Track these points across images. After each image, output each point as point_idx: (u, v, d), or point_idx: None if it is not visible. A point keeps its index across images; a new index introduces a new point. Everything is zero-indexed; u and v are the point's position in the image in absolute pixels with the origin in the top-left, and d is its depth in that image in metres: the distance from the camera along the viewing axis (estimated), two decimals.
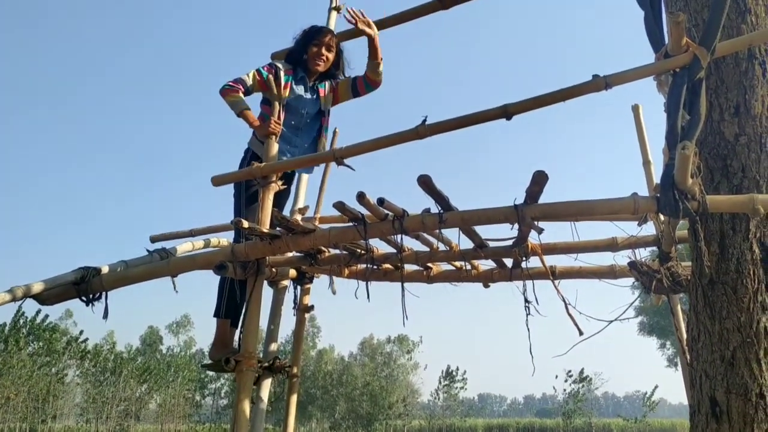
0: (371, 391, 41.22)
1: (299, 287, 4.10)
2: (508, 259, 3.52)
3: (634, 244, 3.23)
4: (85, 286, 3.05)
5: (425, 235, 3.32)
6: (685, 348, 2.61)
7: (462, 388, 41.43)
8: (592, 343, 2.99)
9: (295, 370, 4.00)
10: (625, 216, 3.20)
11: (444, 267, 3.84)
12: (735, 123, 2.47)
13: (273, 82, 3.56)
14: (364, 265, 3.62)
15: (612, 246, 3.29)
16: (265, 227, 3.13)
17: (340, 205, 2.85)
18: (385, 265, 3.68)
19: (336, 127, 4.45)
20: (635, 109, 3.91)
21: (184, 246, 3.73)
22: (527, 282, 3.25)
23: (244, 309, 3.22)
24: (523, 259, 3.26)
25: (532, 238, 3.06)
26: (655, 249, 3.32)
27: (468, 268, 3.73)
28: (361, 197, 2.74)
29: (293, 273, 3.96)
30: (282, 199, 3.84)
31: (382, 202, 2.73)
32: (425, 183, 2.65)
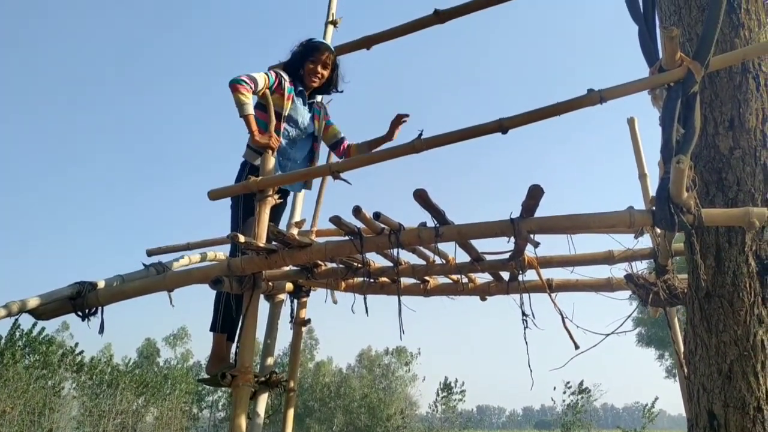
0: (369, 403, 41.02)
1: (296, 301, 4.09)
2: (505, 272, 3.52)
3: (630, 257, 3.23)
4: (81, 301, 3.05)
5: (422, 248, 3.32)
6: (683, 361, 2.61)
7: (460, 400, 41.22)
8: (591, 354, 2.98)
9: (292, 384, 3.98)
10: (622, 229, 3.21)
11: (441, 280, 3.83)
12: (729, 136, 2.48)
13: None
14: (361, 279, 3.62)
15: (608, 259, 3.29)
16: (262, 241, 3.12)
17: (337, 220, 2.85)
18: (382, 279, 3.68)
19: None
20: (631, 122, 3.93)
21: (181, 260, 3.72)
22: (524, 295, 3.25)
23: (241, 323, 3.21)
24: (519, 272, 3.26)
25: (529, 251, 3.06)
26: (652, 261, 3.32)
27: (465, 281, 3.73)
28: (357, 211, 2.74)
29: (290, 287, 3.96)
30: (279, 212, 3.84)
31: (378, 216, 2.73)
32: (421, 197, 2.65)
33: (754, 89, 2.51)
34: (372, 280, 3.65)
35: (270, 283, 3.69)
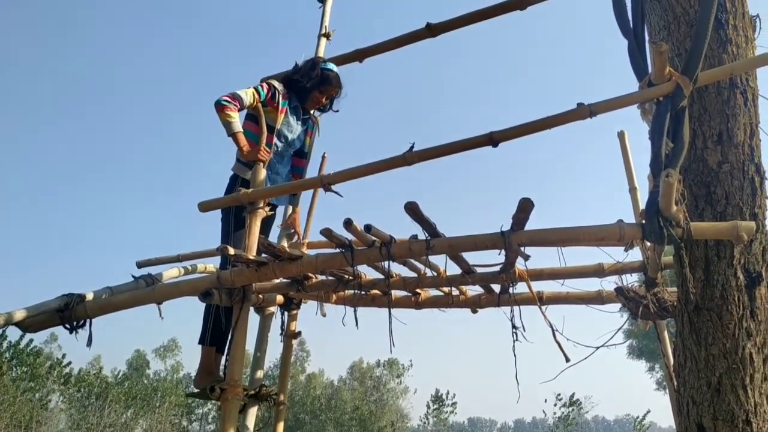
0: (360, 415, 40.79)
1: (286, 313, 4.07)
2: (496, 285, 3.53)
3: (620, 269, 3.24)
4: (69, 313, 3.02)
5: (413, 261, 3.32)
6: (672, 374, 2.61)
7: (452, 413, 41.13)
8: (582, 366, 2.98)
9: (282, 397, 3.96)
10: (612, 242, 3.22)
11: (432, 292, 3.83)
12: (718, 151, 2.49)
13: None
14: (352, 291, 3.61)
15: (599, 272, 3.29)
16: (252, 254, 3.11)
17: (328, 232, 2.85)
18: (373, 291, 3.67)
19: (324, 152, 4.47)
20: (621, 135, 3.95)
21: (171, 272, 3.70)
22: (515, 308, 3.25)
23: (230, 336, 3.19)
24: (510, 284, 3.27)
25: (520, 264, 3.06)
26: (642, 274, 3.33)
27: (456, 293, 3.73)
28: (348, 224, 2.73)
29: (280, 299, 3.94)
30: (269, 225, 3.83)
31: (369, 228, 2.73)
32: (412, 210, 2.66)
33: (742, 104, 2.53)
34: (363, 293, 3.64)
35: (260, 295, 3.67)
